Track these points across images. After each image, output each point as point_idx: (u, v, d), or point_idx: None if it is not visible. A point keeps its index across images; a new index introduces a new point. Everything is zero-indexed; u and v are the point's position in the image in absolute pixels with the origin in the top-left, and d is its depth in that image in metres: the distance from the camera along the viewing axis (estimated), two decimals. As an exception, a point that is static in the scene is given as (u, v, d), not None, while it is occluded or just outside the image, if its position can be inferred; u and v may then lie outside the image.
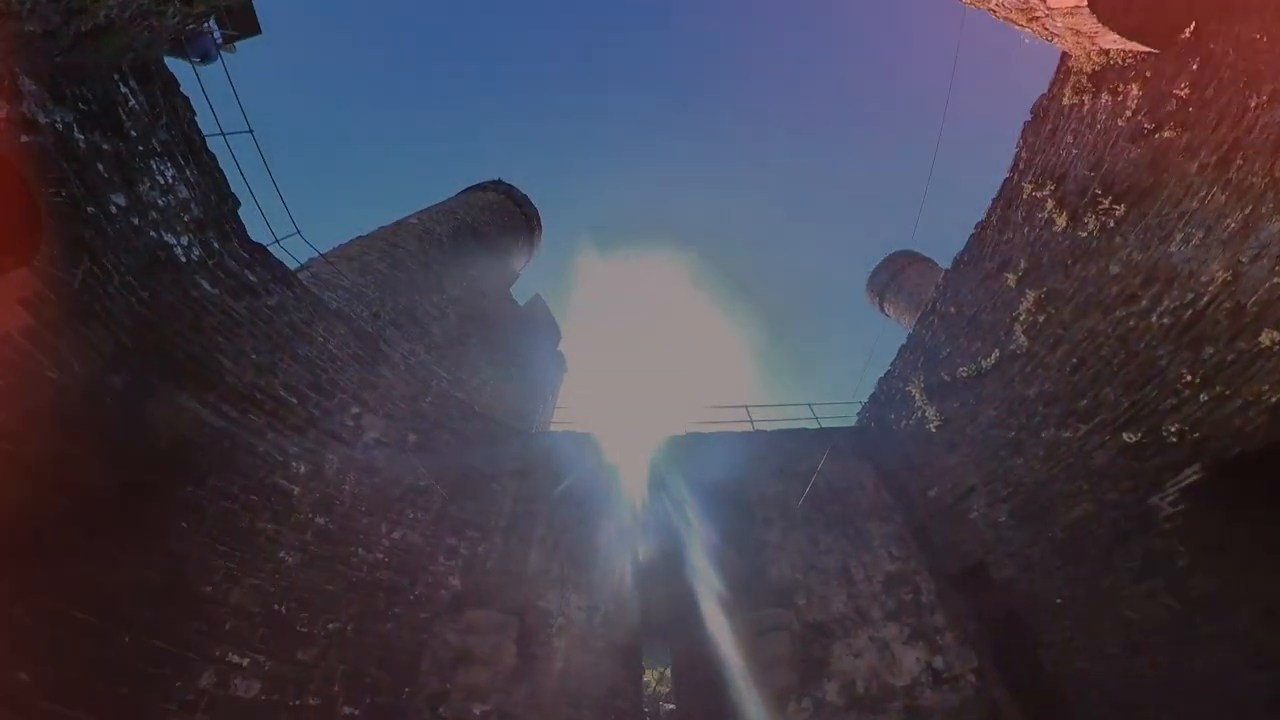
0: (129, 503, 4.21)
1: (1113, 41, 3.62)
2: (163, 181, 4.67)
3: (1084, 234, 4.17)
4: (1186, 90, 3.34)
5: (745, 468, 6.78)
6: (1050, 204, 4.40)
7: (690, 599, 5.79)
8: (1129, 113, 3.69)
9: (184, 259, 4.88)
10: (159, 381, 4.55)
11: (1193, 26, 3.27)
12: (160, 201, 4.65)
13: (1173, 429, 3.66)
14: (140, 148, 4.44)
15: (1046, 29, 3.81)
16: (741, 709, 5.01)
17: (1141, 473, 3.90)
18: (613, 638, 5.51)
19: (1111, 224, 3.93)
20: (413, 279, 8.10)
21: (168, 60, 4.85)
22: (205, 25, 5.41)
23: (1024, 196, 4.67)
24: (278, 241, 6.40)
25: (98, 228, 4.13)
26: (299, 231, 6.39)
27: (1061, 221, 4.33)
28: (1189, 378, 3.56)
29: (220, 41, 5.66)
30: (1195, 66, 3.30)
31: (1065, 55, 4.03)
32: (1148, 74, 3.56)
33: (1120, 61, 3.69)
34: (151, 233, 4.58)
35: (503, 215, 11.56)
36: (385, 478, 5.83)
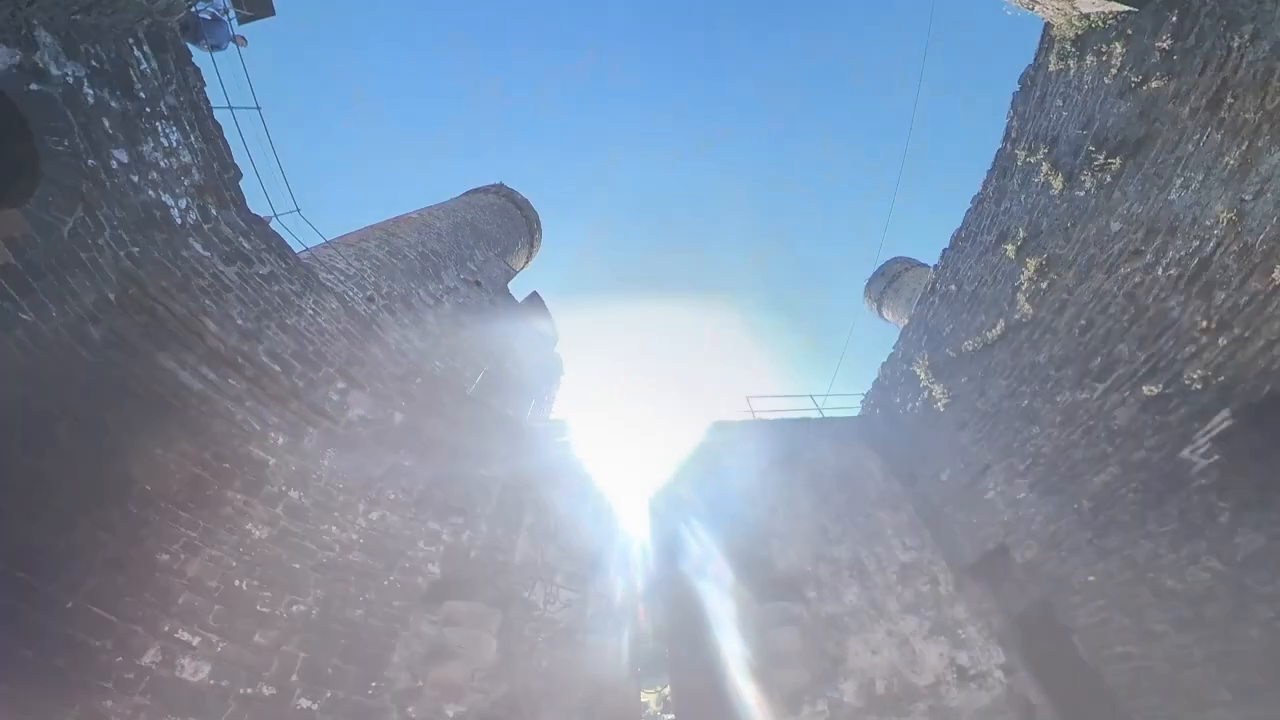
0: (91, 460, 3.96)
1: (1091, 4, 3.75)
2: (167, 144, 4.73)
3: (1081, 193, 4.17)
4: (1169, 41, 3.42)
5: (746, 455, 6.48)
6: (1045, 167, 4.44)
7: (690, 590, 5.34)
8: (1115, 70, 3.77)
9: (180, 221, 4.87)
10: (139, 339, 4.41)
11: (1168, -18, 3.39)
12: (162, 163, 4.69)
13: (1195, 375, 3.49)
14: (148, 109, 4.53)
15: (1028, -4, 3.96)
16: (749, 712, 4.48)
17: (1167, 426, 3.69)
18: (604, 632, 5.04)
19: (1108, 179, 3.94)
20: (409, 267, 8.12)
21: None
22: (221, 1, 5.68)
23: (1018, 164, 4.73)
24: (277, 217, 6.46)
25: (96, 180, 4.13)
26: (298, 209, 6.48)
27: (1057, 184, 4.34)
28: (1204, 324, 3.43)
29: (234, 35, 5.94)
30: (1174, 18, 3.39)
31: (1048, 25, 4.19)
32: (1129, 31, 3.67)
33: (1101, 23, 3.82)
34: (150, 192, 4.59)
35: (502, 216, 11.83)
36: (367, 455, 5.55)
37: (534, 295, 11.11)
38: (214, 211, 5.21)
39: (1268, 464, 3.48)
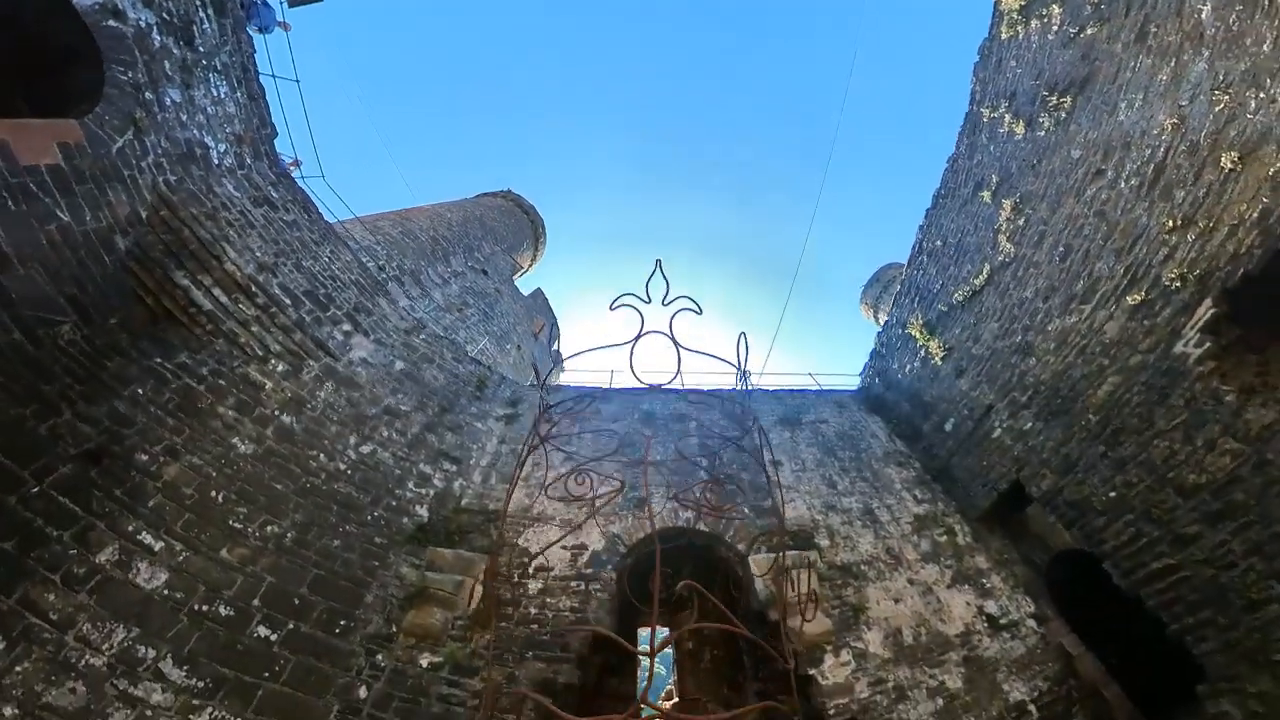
0: (89, 358, 3.94)
1: (1028, -22, 4.44)
2: (215, 94, 5.24)
3: (1042, 133, 4.62)
4: (1096, -5, 4.03)
5: (747, 416, 6.38)
6: (1008, 118, 4.94)
7: (693, 542, 5.01)
8: (1056, 27, 4.38)
9: (217, 162, 5.25)
10: (161, 255, 4.57)
11: (1087, -48, 4.07)
12: (209, 109, 5.16)
13: (1173, 275, 3.66)
14: (204, 62, 5.08)
15: (973, -24, 4.67)
16: (763, 672, 4.01)
17: (1156, 328, 3.79)
18: (601, 580, 4.67)
19: (1063, 115, 4.40)
20: (421, 247, 8.49)
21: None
22: None
23: (984, 120, 5.26)
24: (304, 179, 6.91)
25: (149, 111, 4.54)
26: (323, 175, 6.96)
27: (1020, 129, 4.82)
28: (1170, 224, 3.67)
29: (280, 20, 6.79)
30: (1098, -22, 4.02)
31: (997, 1, 4.90)
32: (1062, -5, 4.31)
33: (1039, -8, 4.49)
34: (195, 131, 5.00)
35: (509, 217, 12.54)
36: (364, 394, 5.47)
37: (538, 291, 11.47)
38: (249, 160, 5.63)
39: (1262, 355, 3.54)
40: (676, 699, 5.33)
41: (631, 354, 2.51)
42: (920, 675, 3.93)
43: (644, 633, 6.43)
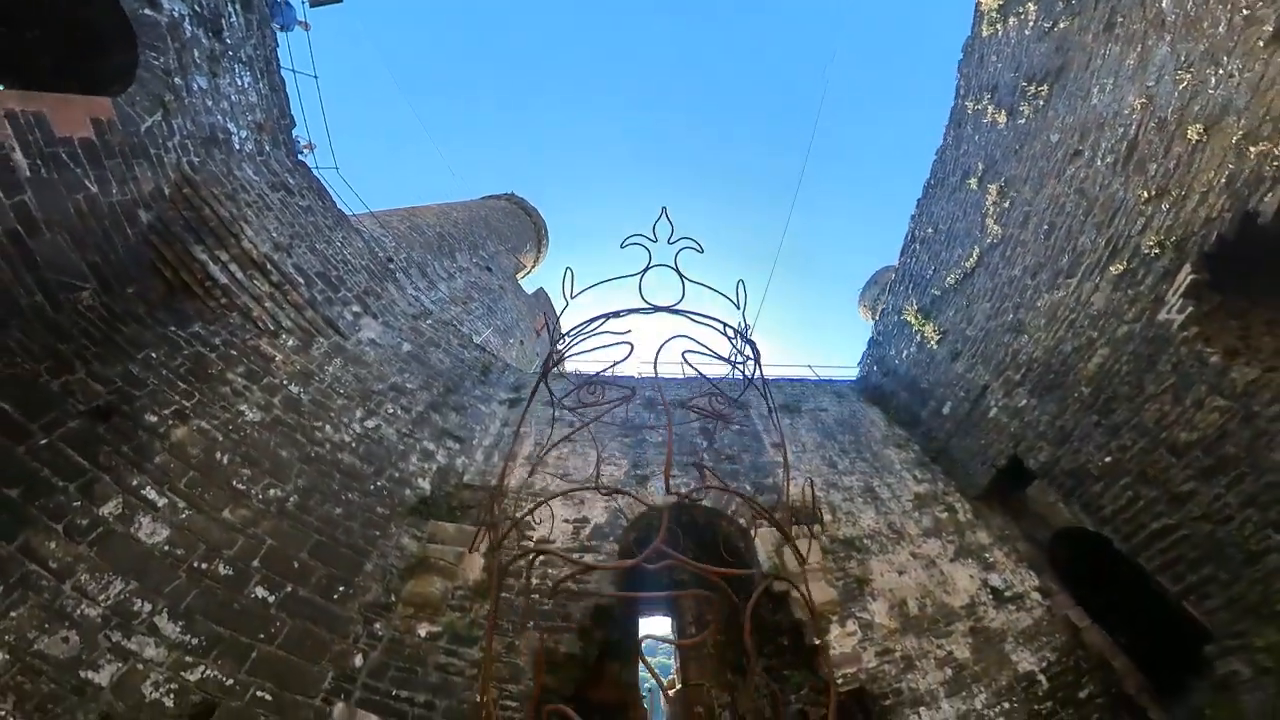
0: (105, 322, 4.04)
1: (1003, -19, 4.80)
2: (239, 84, 5.52)
3: (1022, 121, 4.89)
4: (1066, -7, 4.36)
5: (746, 399, 6.44)
6: (990, 109, 5.24)
7: (695, 519, 4.99)
8: (1032, 22, 4.71)
9: (239, 147, 5.48)
10: (181, 230, 4.73)
11: (1055, -44, 4.42)
12: (233, 97, 5.43)
13: (1151, 243, 3.83)
14: (230, 53, 5.37)
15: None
16: (768, 648, 3.95)
17: (1140, 297, 3.93)
18: (603, 551, 4.65)
19: (1041, 103, 4.68)
20: (428, 242, 8.71)
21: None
22: None
23: (969, 113, 5.56)
24: (318, 169, 7.16)
25: (177, 94, 4.79)
26: (336, 168, 7.21)
27: (1002, 119, 5.10)
28: (1145, 195, 3.87)
29: (299, 20, 7.18)
30: (1066, -22, 4.36)
31: (978, 2, 5.27)
32: (1035, -6, 4.66)
33: (1014, -7, 4.85)
34: (219, 117, 5.25)
35: (513, 219, 12.88)
36: (371, 371, 5.54)
37: (540, 291, 11.67)
38: (268, 147, 5.87)
39: (1242, 320, 3.68)
40: (679, 686, 5.20)
41: (640, 284, 2.65)
42: (928, 645, 3.88)
43: (644, 623, 6.30)
